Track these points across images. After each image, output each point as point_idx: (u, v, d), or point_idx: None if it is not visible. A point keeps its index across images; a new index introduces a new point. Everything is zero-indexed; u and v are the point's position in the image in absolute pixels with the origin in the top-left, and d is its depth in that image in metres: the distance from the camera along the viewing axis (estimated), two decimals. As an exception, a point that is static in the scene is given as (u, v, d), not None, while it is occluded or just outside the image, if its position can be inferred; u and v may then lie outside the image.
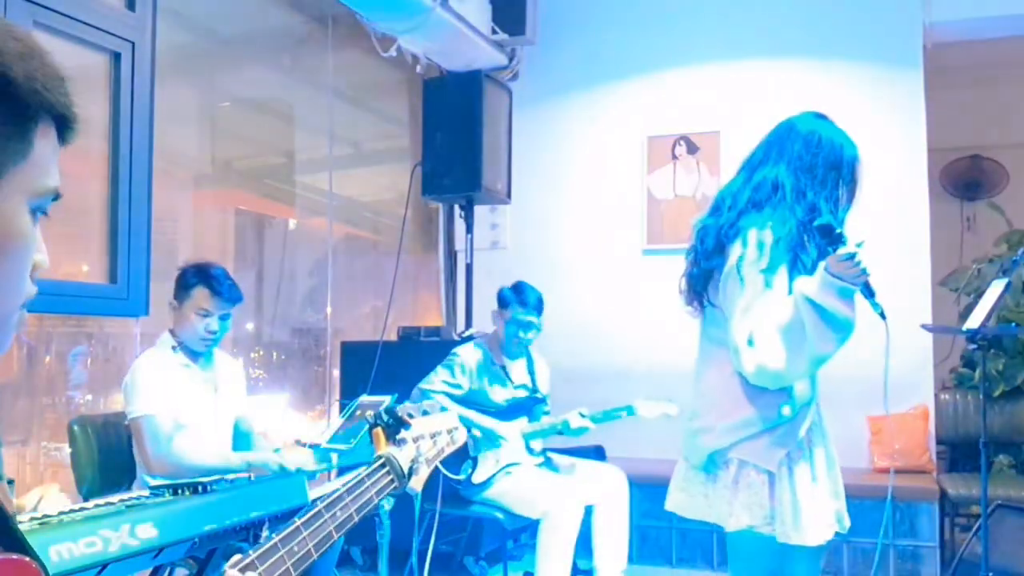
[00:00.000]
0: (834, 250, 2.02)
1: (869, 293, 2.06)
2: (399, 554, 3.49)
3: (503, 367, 3.80)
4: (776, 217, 2.13)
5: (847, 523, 2.23)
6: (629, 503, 3.73)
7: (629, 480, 3.78)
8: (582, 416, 3.73)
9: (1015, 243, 5.39)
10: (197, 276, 2.92)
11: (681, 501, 2.29)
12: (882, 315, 2.06)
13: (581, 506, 3.54)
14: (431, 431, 1.51)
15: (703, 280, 2.23)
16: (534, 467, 3.73)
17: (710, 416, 2.21)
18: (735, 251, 2.13)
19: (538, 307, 3.76)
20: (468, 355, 3.72)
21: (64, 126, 0.74)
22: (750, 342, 2.05)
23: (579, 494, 3.56)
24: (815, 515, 2.12)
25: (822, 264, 2.05)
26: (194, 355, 2.96)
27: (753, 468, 2.13)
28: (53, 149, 0.73)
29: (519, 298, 3.72)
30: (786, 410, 2.12)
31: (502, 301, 3.76)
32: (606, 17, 5.44)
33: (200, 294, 2.89)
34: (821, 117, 2.30)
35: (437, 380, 3.64)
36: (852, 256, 1.99)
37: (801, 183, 2.16)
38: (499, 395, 3.72)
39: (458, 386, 3.64)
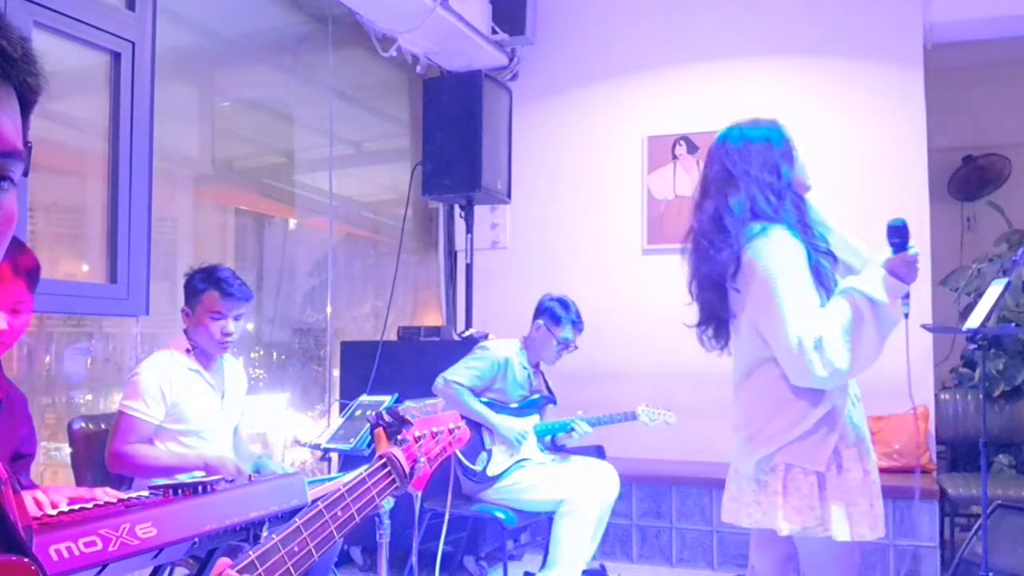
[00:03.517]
0: (900, 249, 2.08)
1: (906, 294, 2.12)
2: (399, 554, 3.49)
3: (529, 371, 3.86)
4: (770, 215, 2.20)
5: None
6: (616, 501, 3.76)
7: (629, 480, 3.80)
8: (581, 419, 3.81)
9: (1015, 243, 5.39)
10: (205, 280, 2.91)
11: (735, 511, 2.32)
12: (906, 316, 2.13)
13: (600, 493, 3.57)
14: (433, 430, 1.50)
15: (722, 311, 2.28)
16: (548, 462, 3.77)
17: (755, 424, 2.24)
18: (755, 266, 2.17)
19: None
20: (501, 351, 3.77)
21: None
22: (818, 346, 2.07)
23: (596, 485, 3.61)
24: (869, 511, 2.16)
25: (876, 263, 2.11)
26: (209, 358, 2.96)
27: (801, 470, 2.16)
28: None
29: (572, 319, 3.80)
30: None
31: (553, 316, 3.79)
32: (605, 17, 5.44)
33: (210, 298, 2.88)
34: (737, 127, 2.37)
35: (463, 371, 3.67)
36: (915, 257, 2.08)
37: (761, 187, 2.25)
38: (518, 394, 3.80)
39: (483, 379, 3.69)
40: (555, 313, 3.78)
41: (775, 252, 2.15)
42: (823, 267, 2.18)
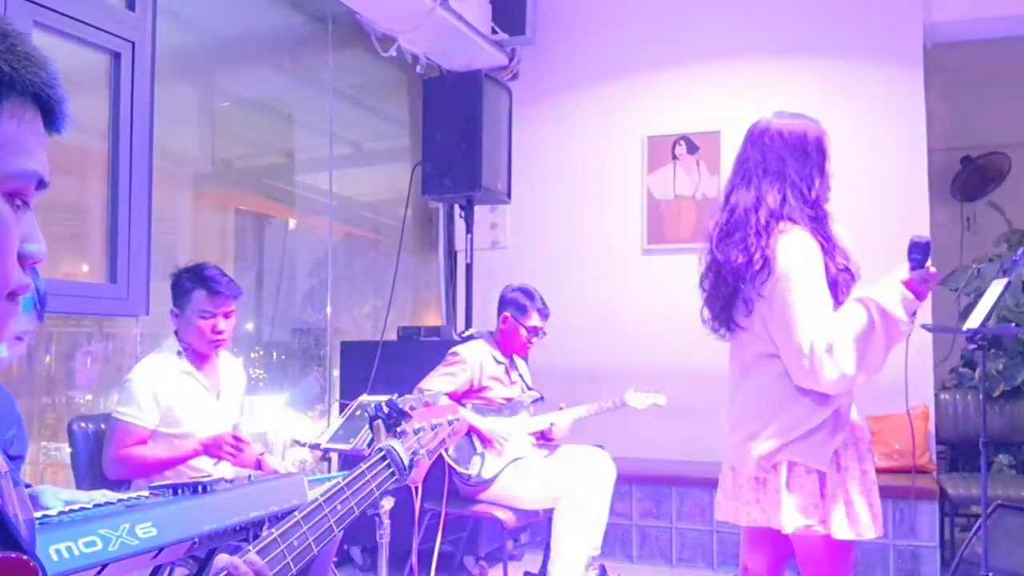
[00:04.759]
0: (919, 266, 2.09)
1: (914, 311, 2.13)
2: (399, 554, 3.49)
3: (504, 366, 3.83)
4: (798, 219, 2.19)
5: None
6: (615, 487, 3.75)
7: (629, 480, 3.79)
8: (565, 413, 3.82)
9: (1015, 243, 5.39)
10: (193, 280, 2.88)
11: (732, 510, 2.32)
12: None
13: (596, 487, 3.57)
14: (431, 422, 1.50)
15: (731, 301, 2.25)
16: (541, 459, 3.76)
17: (756, 423, 2.23)
18: (774, 264, 2.16)
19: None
20: (471, 353, 3.74)
21: (47, 110, 0.71)
22: (829, 350, 2.08)
23: (593, 477, 3.60)
24: (868, 509, 2.17)
25: (895, 278, 2.11)
26: (199, 360, 2.95)
27: (804, 468, 2.16)
28: (29, 131, 0.70)
29: (537, 306, 3.78)
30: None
31: (518, 307, 3.77)
32: (606, 17, 5.44)
33: (199, 297, 2.86)
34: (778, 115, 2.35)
35: (437, 379, 3.65)
36: (933, 276, 2.09)
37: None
38: (500, 392, 3.76)
39: (459, 384, 3.65)
40: (520, 303, 3.77)
41: (794, 252, 2.15)
42: (839, 283, 2.18)
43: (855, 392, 2.28)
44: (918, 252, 2.09)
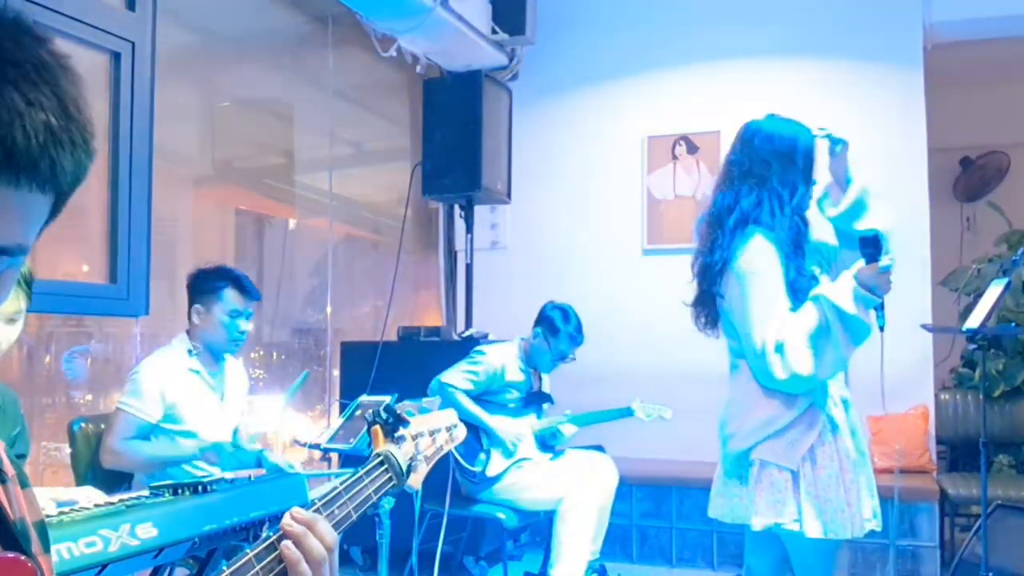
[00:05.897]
0: (872, 260, 2.07)
1: (880, 305, 2.10)
2: (399, 554, 3.49)
3: (527, 372, 3.85)
4: (768, 223, 2.21)
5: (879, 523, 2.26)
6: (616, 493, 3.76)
7: (629, 480, 3.80)
8: (571, 418, 3.84)
9: (1015, 243, 5.38)
10: (223, 278, 2.92)
11: (721, 506, 2.35)
12: (882, 328, 2.12)
13: (598, 490, 3.57)
14: (430, 428, 1.50)
15: (709, 302, 2.29)
16: (546, 461, 3.77)
17: (735, 421, 2.27)
18: (731, 265, 2.19)
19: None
20: (496, 356, 3.74)
21: None
22: (779, 349, 2.08)
23: (595, 480, 3.61)
24: (845, 509, 2.16)
25: (849, 273, 2.11)
26: (213, 359, 2.96)
27: (775, 467, 2.17)
28: None
29: (570, 332, 3.73)
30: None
31: (551, 327, 3.74)
32: (606, 17, 5.44)
33: (231, 295, 2.90)
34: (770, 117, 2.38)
35: (458, 375, 3.67)
36: (888, 269, 2.06)
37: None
38: (514, 395, 3.80)
39: (478, 384, 3.68)
40: (554, 325, 3.74)
41: (750, 256, 2.18)
42: (801, 290, 2.18)
43: (860, 393, 2.29)
44: (868, 246, 2.09)
